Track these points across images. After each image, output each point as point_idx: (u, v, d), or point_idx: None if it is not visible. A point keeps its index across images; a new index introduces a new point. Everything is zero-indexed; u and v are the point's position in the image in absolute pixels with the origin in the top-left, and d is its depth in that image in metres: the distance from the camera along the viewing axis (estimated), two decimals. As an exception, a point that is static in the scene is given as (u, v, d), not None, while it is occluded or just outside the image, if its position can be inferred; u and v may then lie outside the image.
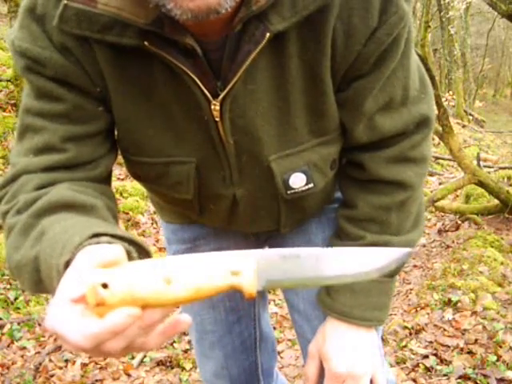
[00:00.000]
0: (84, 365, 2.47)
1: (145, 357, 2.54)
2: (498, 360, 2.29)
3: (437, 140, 5.15)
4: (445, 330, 2.62)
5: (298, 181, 0.89)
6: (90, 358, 2.49)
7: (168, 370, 2.49)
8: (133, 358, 2.53)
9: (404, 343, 2.56)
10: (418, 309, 2.90)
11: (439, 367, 2.32)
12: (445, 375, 2.26)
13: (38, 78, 0.76)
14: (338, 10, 0.74)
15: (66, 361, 2.49)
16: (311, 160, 0.88)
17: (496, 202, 4.02)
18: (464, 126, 12.34)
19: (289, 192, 0.90)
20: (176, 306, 0.56)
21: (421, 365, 2.36)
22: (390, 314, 2.84)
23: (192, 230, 1.13)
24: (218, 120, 0.80)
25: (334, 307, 0.96)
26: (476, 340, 2.47)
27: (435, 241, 4.13)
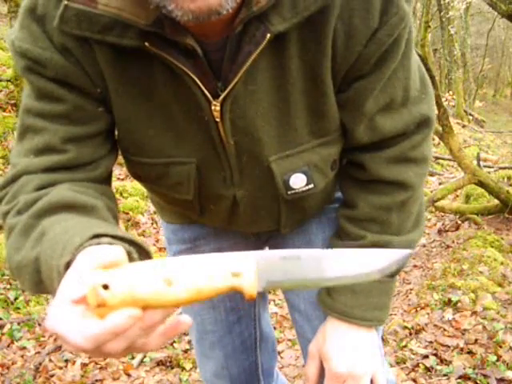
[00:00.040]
0: (84, 365, 2.47)
1: (145, 357, 2.54)
2: (498, 360, 2.29)
3: (437, 140, 5.15)
4: (445, 330, 2.62)
5: (298, 181, 0.89)
6: (89, 358, 2.49)
7: (168, 370, 2.49)
8: (133, 358, 2.53)
9: (404, 343, 2.56)
10: (418, 309, 2.90)
11: (439, 367, 2.32)
12: (445, 375, 2.26)
13: (39, 78, 0.76)
14: (338, 11, 0.74)
15: (66, 361, 2.49)
16: (311, 161, 0.88)
17: (496, 202, 4.02)
18: (464, 126, 12.33)
19: (289, 192, 0.90)
20: (176, 307, 0.56)
21: (421, 365, 2.36)
22: (390, 314, 2.84)
23: (192, 230, 1.13)
24: (218, 120, 0.80)
25: (334, 307, 0.96)
26: (476, 340, 2.47)
27: (435, 241, 4.13)
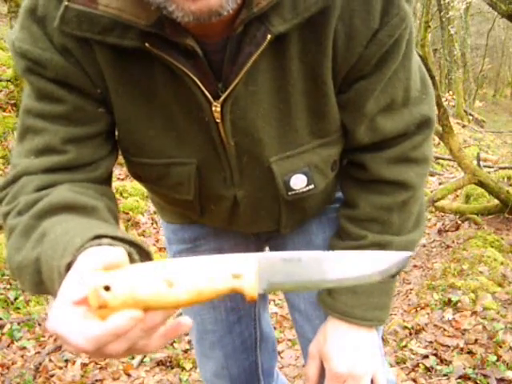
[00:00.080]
0: (84, 365, 2.47)
1: (145, 357, 2.54)
2: (498, 360, 2.29)
3: (437, 140, 5.15)
4: (445, 330, 2.62)
5: (298, 182, 0.89)
6: (89, 358, 2.49)
7: (168, 370, 2.49)
8: (133, 358, 2.53)
9: (404, 343, 2.56)
10: (418, 309, 2.90)
11: (439, 367, 2.32)
12: (445, 375, 2.26)
13: (39, 79, 0.76)
14: (339, 12, 0.74)
15: (66, 361, 2.50)
16: (312, 161, 0.88)
17: (496, 202, 4.02)
18: (464, 126, 12.33)
19: (289, 193, 0.90)
20: (177, 308, 0.56)
21: (421, 365, 2.36)
22: (390, 314, 2.84)
23: (192, 229, 1.13)
24: (218, 121, 0.80)
25: (335, 307, 0.96)
26: (476, 340, 2.47)
27: (435, 241, 4.13)
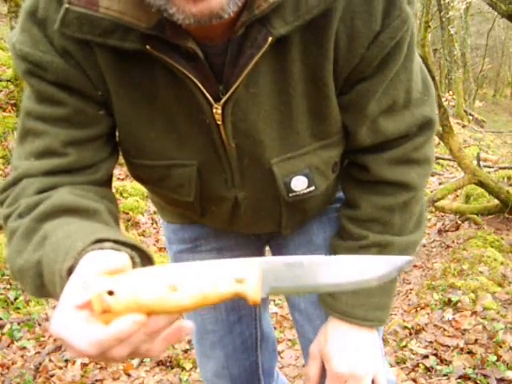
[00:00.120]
0: (84, 365, 2.47)
1: (145, 357, 2.54)
2: (498, 360, 2.29)
3: (437, 140, 5.15)
4: (445, 329, 2.62)
5: (299, 184, 0.89)
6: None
7: (168, 370, 2.49)
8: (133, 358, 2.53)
9: (404, 343, 2.56)
10: (418, 309, 2.90)
11: (439, 367, 2.32)
12: (445, 375, 2.26)
13: (39, 82, 0.76)
14: (340, 14, 0.73)
15: (66, 361, 2.50)
16: (313, 163, 0.88)
17: (496, 202, 4.02)
18: (464, 126, 12.33)
19: (290, 195, 0.90)
20: (180, 312, 0.56)
21: (421, 365, 2.36)
22: (390, 314, 2.84)
23: (193, 229, 1.13)
24: (219, 123, 0.79)
25: (335, 307, 0.96)
26: (476, 340, 2.47)
27: (435, 241, 4.13)
